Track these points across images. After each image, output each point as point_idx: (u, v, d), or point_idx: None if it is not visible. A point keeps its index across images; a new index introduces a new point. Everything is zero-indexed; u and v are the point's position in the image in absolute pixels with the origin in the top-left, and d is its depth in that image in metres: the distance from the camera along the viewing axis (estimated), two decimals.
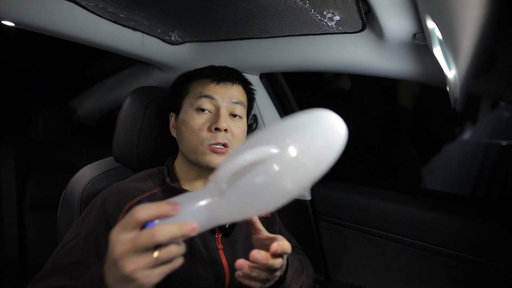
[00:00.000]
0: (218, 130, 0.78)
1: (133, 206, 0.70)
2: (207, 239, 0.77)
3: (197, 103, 0.81)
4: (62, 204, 0.87)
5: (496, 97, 0.78)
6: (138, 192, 0.77)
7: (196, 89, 0.83)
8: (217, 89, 0.82)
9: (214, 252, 0.77)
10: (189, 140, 0.80)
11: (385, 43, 0.87)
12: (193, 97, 0.82)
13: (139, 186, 0.79)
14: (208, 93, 0.81)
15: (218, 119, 0.78)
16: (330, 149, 0.45)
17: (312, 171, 0.45)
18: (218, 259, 0.76)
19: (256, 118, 1.32)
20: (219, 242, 0.79)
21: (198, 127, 0.79)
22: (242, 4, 0.82)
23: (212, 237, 0.79)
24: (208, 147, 0.78)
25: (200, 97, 0.81)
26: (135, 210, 0.44)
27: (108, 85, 1.78)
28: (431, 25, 0.57)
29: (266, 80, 1.32)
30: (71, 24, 0.94)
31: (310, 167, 0.45)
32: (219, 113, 0.80)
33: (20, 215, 1.59)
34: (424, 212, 1.10)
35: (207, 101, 0.81)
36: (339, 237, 1.29)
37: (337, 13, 0.80)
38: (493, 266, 0.98)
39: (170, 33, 1.11)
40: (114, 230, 0.45)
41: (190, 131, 0.80)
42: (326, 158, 0.45)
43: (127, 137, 0.92)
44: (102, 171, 0.90)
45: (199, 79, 0.85)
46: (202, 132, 0.79)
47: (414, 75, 0.91)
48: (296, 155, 0.43)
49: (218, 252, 0.78)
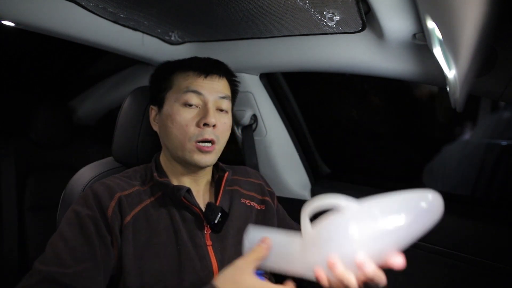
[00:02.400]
0: (207, 125, 0.76)
1: (122, 197, 0.72)
2: (195, 235, 0.75)
3: (184, 98, 0.77)
4: (62, 204, 0.87)
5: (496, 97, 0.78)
6: (125, 185, 0.76)
7: (181, 83, 0.79)
8: (205, 83, 0.79)
9: (203, 249, 0.74)
10: (175, 136, 0.77)
11: (385, 43, 0.87)
12: (178, 91, 0.79)
13: (124, 181, 0.77)
14: (195, 88, 0.78)
15: (207, 114, 0.76)
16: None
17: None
18: (206, 256, 0.74)
19: (256, 118, 1.32)
20: (208, 238, 0.76)
21: (185, 123, 0.76)
22: (242, 4, 0.82)
23: (201, 233, 0.76)
24: (195, 145, 0.76)
25: (187, 92, 0.77)
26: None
27: (108, 85, 1.78)
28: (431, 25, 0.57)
29: (266, 80, 1.32)
30: (71, 24, 0.94)
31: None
32: (207, 107, 0.77)
33: (20, 215, 1.58)
34: None
35: (195, 96, 0.77)
36: None
37: (337, 13, 0.80)
38: (493, 266, 0.98)
39: (170, 33, 1.11)
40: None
41: (177, 127, 0.76)
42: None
43: (127, 137, 0.92)
44: (102, 171, 0.90)
45: (184, 72, 0.81)
46: (190, 128, 0.76)
47: (414, 75, 0.91)
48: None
49: (207, 248, 0.75)
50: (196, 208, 0.76)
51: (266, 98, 1.32)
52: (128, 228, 0.70)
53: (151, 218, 0.74)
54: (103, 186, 0.73)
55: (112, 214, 0.69)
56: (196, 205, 0.77)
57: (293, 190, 1.34)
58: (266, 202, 0.92)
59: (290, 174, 1.35)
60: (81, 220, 0.68)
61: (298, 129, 1.41)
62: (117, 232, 0.69)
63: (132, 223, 0.71)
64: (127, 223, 0.70)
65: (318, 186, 1.36)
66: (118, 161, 0.95)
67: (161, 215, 0.75)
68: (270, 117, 1.33)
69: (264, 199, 0.92)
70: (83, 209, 0.69)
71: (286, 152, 1.36)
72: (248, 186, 0.92)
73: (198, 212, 0.77)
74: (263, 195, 0.93)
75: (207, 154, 0.77)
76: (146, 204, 0.75)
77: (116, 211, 0.70)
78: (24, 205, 1.60)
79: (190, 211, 0.77)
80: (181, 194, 0.74)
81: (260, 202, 0.91)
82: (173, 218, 0.75)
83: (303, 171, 1.38)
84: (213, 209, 0.78)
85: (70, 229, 0.68)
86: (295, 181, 1.36)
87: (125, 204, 0.72)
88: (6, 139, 1.64)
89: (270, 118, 1.33)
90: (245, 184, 0.92)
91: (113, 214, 0.70)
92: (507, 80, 0.74)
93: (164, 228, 0.73)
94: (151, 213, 0.74)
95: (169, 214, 0.75)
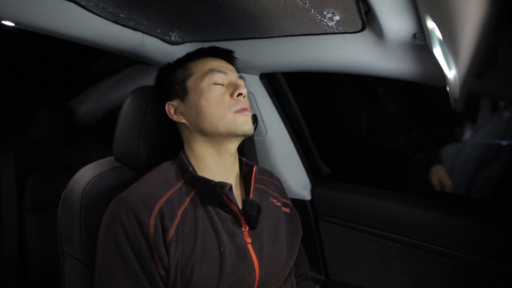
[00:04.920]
0: (241, 95, 0.79)
1: (163, 206, 0.68)
2: (235, 233, 0.73)
3: (211, 78, 0.80)
4: (62, 204, 0.87)
5: (496, 97, 0.78)
6: (160, 191, 0.71)
7: (203, 67, 0.82)
8: (224, 64, 0.85)
9: (244, 247, 0.72)
10: (214, 111, 0.78)
11: (385, 43, 0.87)
12: (202, 75, 0.81)
13: (157, 185, 0.73)
14: (220, 69, 0.82)
15: (238, 85, 0.80)
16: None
17: None
18: (248, 254, 0.72)
19: (256, 118, 1.32)
20: (246, 235, 0.75)
21: (220, 97, 0.79)
22: (242, 4, 0.82)
23: (239, 231, 0.74)
24: (235, 113, 0.78)
25: (213, 72, 0.81)
26: None
27: (108, 85, 1.78)
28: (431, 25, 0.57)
29: (266, 80, 1.32)
30: (71, 24, 0.94)
31: None
32: (235, 82, 0.82)
33: (20, 215, 1.58)
34: (424, 212, 1.10)
35: (221, 75, 0.81)
36: (339, 237, 1.29)
37: (337, 13, 0.80)
38: (493, 266, 0.98)
39: (170, 33, 1.11)
40: None
41: (213, 102, 0.78)
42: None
43: (128, 136, 0.92)
44: (102, 171, 0.90)
45: (201, 58, 0.85)
46: (226, 100, 0.79)
47: (414, 75, 0.91)
48: None
49: (247, 246, 0.73)
50: (233, 205, 0.75)
51: (266, 98, 1.32)
52: (172, 242, 0.65)
53: (191, 222, 0.70)
54: (137, 197, 0.67)
55: (154, 232, 0.64)
56: (234, 202, 0.74)
57: (293, 190, 1.34)
58: (290, 206, 0.92)
59: (290, 174, 1.36)
60: (122, 249, 0.64)
61: (298, 129, 1.41)
62: (162, 252, 0.64)
63: (176, 235, 0.66)
64: (171, 238, 0.65)
65: (318, 186, 1.36)
66: (118, 161, 0.95)
67: (200, 216, 0.72)
68: (270, 117, 1.33)
69: (286, 202, 0.93)
70: (121, 237, 0.64)
71: (286, 152, 1.36)
72: (272, 187, 0.93)
73: (235, 209, 0.75)
74: (285, 198, 0.94)
75: (248, 118, 0.79)
76: (185, 206, 0.72)
77: (158, 227, 0.65)
78: (24, 205, 1.60)
79: (228, 208, 0.75)
80: (224, 191, 0.71)
81: (284, 205, 0.91)
82: (211, 219, 0.72)
83: (303, 171, 1.38)
84: (252, 204, 0.76)
85: (112, 261, 0.65)
86: (295, 181, 1.36)
87: (166, 215, 0.67)
88: (6, 139, 1.64)
89: (270, 118, 1.33)
90: (270, 185, 0.93)
91: (155, 232, 0.64)
92: (507, 80, 0.74)
93: (205, 231, 0.70)
94: (191, 215, 0.71)
95: (207, 214, 0.73)
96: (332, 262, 1.33)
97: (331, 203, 1.30)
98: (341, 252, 1.30)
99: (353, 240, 1.25)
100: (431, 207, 1.10)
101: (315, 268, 1.35)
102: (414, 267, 1.13)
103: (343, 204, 1.27)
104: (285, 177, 1.34)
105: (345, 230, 1.27)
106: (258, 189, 0.87)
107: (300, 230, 0.90)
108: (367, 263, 1.23)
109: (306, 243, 1.02)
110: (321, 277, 1.34)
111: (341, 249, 1.30)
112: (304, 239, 0.93)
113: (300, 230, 0.90)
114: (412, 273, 1.14)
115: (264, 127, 1.32)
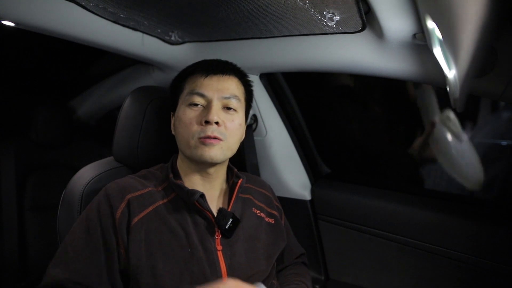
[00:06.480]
0: (208, 123, 0.77)
1: (133, 198, 0.74)
2: (206, 239, 0.76)
3: (189, 99, 0.80)
4: (62, 204, 0.87)
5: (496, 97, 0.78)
6: (138, 186, 0.77)
7: (189, 86, 0.82)
8: (208, 82, 0.81)
9: (212, 253, 0.75)
10: (182, 135, 0.80)
11: (385, 43, 0.87)
12: (186, 94, 0.82)
13: (138, 181, 0.79)
14: (198, 90, 0.80)
15: (209, 112, 0.77)
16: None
17: None
18: (215, 261, 0.75)
19: (256, 118, 1.32)
20: (218, 243, 0.77)
21: (189, 121, 0.78)
22: (242, 4, 0.82)
23: (212, 238, 0.77)
24: (198, 141, 0.77)
25: (191, 94, 0.80)
26: None
27: (108, 85, 1.78)
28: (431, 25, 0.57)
29: (266, 80, 1.32)
30: (71, 24, 0.94)
31: None
32: (210, 105, 0.78)
33: (20, 215, 1.58)
34: (424, 212, 1.10)
35: (198, 97, 0.80)
36: (339, 237, 1.29)
37: (337, 13, 0.80)
38: (493, 266, 0.98)
39: (170, 33, 1.11)
40: None
41: (182, 126, 0.79)
42: None
43: (128, 136, 0.92)
44: (102, 171, 0.90)
45: (192, 75, 0.84)
46: (193, 126, 0.78)
47: (414, 75, 0.91)
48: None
49: (217, 253, 0.76)
50: (208, 213, 0.77)
51: (266, 98, 1.32)
52: (137, 229, 0.72)
53: (163, 219, 0.75)
54: (116, 186, 0.76)
55: (120, 215, 0.72)
56: (208, 210, 0.77)
57: (293, 190, 1.34)
58: (275, 217, 0.93)
59: (290, 174, 1.36)
60: (90, 223, 0.72)
61: (298, 129, 1.41)
62: (124, 233, 0.71)
63: (143, 224, 0.73)
64: (135, 224, 0.72)
65: (318, 186, 1.36)
66: (118, 161, 0.95)
67: (174, 216, 0.76)
68: (270, 117, 1.33)
69: (272, 212, 0.94)
70: (93, 214, 0.73)
71: (286, 152, 1.36)
72: (260, 197, 0.93)
73: (210, 216, 0.78)
74: (271, 208, 0.94)
75: (211, 148, 0.77)
76: (158, 204, 0.77)
77: (125, 213, 0.73)
78: (24, 205, 1.60)
79: (202, 215, 0.78)
80: (194, 198, 0.75)
81: (269, 215, 0.92)
82: (185, 221, 0.76)
83: (303, 171, 1.38)
84: (225, 214, 0.79)
85: (80, 231, 0.73)
86: (295, 181, 1.36)
87: (135, 205, 0.74)
88: (6, 139, 1.64)
89: (270, 118, 1.33)
90: (257, 195, 0.94)
91: (121, 216, 0.72)
92: (507, 80, 0.74)
93: (176, 230, 0.74)
94: (164, 214, 0.76)
95: (181, 216, 0.77)
96: (332, 262, 1.33)
97: (331, 203, 1.30)
98: (341, 252, 1.30)
99: (353, 240, 1.25)
100: (431, 207, 1.10)
101: (315, 268, 1.35)
102: (414, 267, 1.13)
103: (343, 204, 1.27)
104: (285, 177, 1.34)
105: (345, 230, 1.27)
106: (242, 199, 0.89)
107: (284, 241, 0.93)
108: (367, 263, 1.23)
109: (306, 243, 1.02)
110: (321, 277, 1.34)
111: (341, 249, 1.30)
112: (304, 239, 0.93)
113: (284, 241, 0.93)
114: (412, 273, 1.14)
115: (264, 127, 1.32)
